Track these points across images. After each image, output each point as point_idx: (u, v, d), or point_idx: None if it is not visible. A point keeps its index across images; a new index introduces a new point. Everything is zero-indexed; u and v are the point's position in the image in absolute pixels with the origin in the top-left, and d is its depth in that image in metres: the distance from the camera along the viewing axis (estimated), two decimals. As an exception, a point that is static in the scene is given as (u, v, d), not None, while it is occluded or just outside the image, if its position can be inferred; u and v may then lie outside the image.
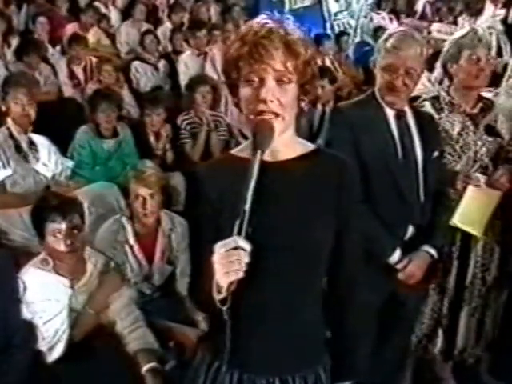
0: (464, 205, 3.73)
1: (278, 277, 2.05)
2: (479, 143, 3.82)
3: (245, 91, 2.02)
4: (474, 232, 3.81)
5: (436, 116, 3.74)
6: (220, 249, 1.87)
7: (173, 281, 4.37)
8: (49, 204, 3.71)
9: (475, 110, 3.85)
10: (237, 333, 2.02)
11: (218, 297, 1.92)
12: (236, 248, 1.86)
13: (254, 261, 1.91)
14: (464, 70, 3.76)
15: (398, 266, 3.37)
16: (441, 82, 4.89)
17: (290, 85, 2.01)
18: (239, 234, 1.88)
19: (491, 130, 3.86)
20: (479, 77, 3.75)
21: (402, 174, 3.34)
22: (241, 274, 1.86)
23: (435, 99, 3.89)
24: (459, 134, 3.80)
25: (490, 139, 3.85)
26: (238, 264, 1.85)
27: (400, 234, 3.40)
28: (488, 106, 3.90)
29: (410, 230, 3.42)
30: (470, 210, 3.74)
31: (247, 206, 1.90)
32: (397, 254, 3.36)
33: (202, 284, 2.01)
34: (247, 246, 1.87)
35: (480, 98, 3.90)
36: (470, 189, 3.73)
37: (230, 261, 1.85)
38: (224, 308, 1.92)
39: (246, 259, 1.86)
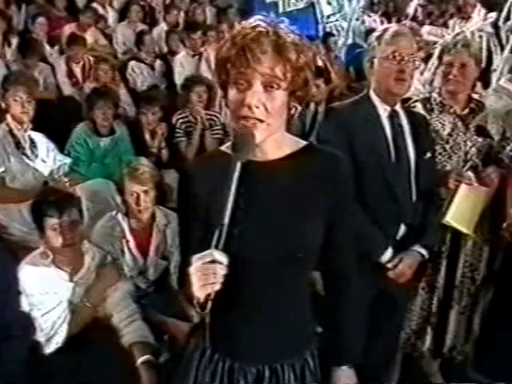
0: (456, 203, 3.74)
1: (267, 272, 2.06)
2: (469, 144, 3.84)
3: (231, 94, 1.98)
4: (466, 230, 3.83)
5: (427, 117, 3.76)
6: (196, 261, 1.88)
7: (167, 275, 4.42)
8: (47, 199, 3.77)
9: (465, 111, 3.88)
10: (226, 323, 2.09)
11: (196, 303, 1.93)
12: (213, 261, 1.87)
13: (243, 258, 1.95)
14: (441, 74, 3.86)
15: (389, 265, 3.38)
16: (431, 83, 4.98)
17: (278, 91, 1.95)
18: (217, 246, 1.89)
19: (481, 131, 3.88)
20: (449, 81, 3.82)
21: (394, 174, 3.35)
22: (217, 287, 1.87)
23: (427, 100, 3.93)
24: (449, 134, 3.83)
25: (480, 140, 3.86)
26: (214, 278, 1.86)
27: (392, 233, 3.41)
28: (479, 106, 3.93)
29: (402, 229, 3.43)
30: (463, 209, 3.76)
31: (226, 220, 1.91)
32: (388, 253, 3.37)
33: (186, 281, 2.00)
34: (224, 260, 1.87)
35: (471, 99, 3.93)
36: (463, 187, 3.73)
37: (205, 274, 1.86)
38: (203, 312, 1.93)
39: (222, 272, 1.87)
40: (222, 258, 1.88)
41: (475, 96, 4.15)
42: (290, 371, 2.19)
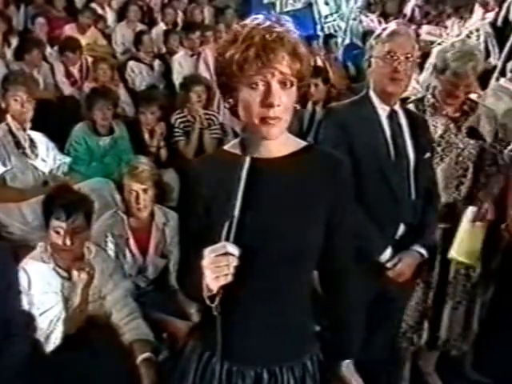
0: (459, 239, 3.86)
1: (266, 272, 2.06)
2: (461, 146, 3.85)
3: (247, 95, 1.98)
4: (469, 262, 3.93)
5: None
6: (209, 254, 1.90)
7: (166, 274, 4.43)
8: (58, 199, 3.76)
9: (458, 113, 3.89)
10: (225, 326, 2.06)
11: (207, 295, 1.96)
12: (225, 253, 1.90)
13: (243, 257, 1.95)
14: (443, 86, 3.82)
15: (389, 265, 3.39)
16: (428, 85, 4.98)
17: (292, 88, 2.00)
18: (227, 238, 1.94)
19: (473, 133, 3.88)
20: (453, 98, 3.83)
21: (394, 173, 3.35)
22: (230, 278, 1.91)
23: (419, 101, 3.92)
24: (441, 136, 3.83)
25: (472, 142, 3.87)
26: (227, 269, 1.89)
27: (391, 233, 3.42)
28: (471, 108, 3.92)
29: (401, 228, 3.43)
30: (465, 243, 3.87)
31: (236, 212, 1.95)
32: (388, 253, 3.38)
33: (193, 279, 2.02)
34: (236, 251, 1.91)
35: (464, 101, 3.92)
36: (464, 223, 3.87)
37: (219, 266, 1.89)
38: (213, 305, 1.97)
39: (234, 264, 1.90)
40: (233, 249, 1.91)
41: (472, 96, 4.15)
42: (290, 375, 2.19)
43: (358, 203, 2.76)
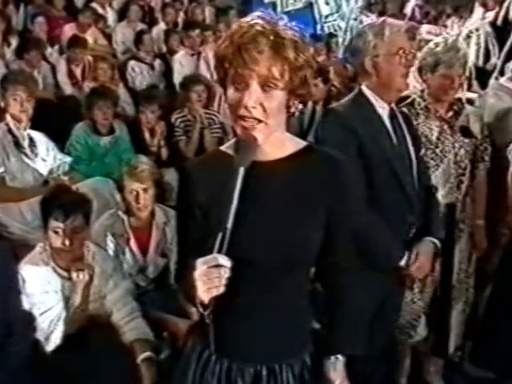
0: None
1: (267, 273, 2.06)
2: (457, 145, 3.88)
3: (230, 93, 1.97)
4: None
5: (414, 122, 3.72)
6: (201, 266, 1.91)
7: (166, 273, 4.42)
8: (56, 200, 3.74)
9: (450, 114, 3.92)
10: (225, 324, 2.09)
11: (199, 304, 1.98)
12: (217, 265, 1.90)
13: (244, 259, 1.95)
14: (436, 83, 3.83)
15: (410, 262, 3.33)
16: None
17: (276, 90, 1.93)
18: (220, 250, 1.93)
19: (466, 132, 3.92)
20: (449, 93, 3.84)
21: (402, 170, 3.33)
22: (221, 290, 1.91)
23: (409, 105, 3.90)
24: (438, 138, 3.85)
25: (466, 141, 3.91)
26: (219, 281, 1.89)
27: (404, 234, 3.37)
28: (460, 107, 3.96)
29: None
30: None
31: (229, 225, 1.94)
32: (405, 259, 3.33)
33: (188, 282, 2.00)
34: (227, 263, 1.90)
35: (453, 102, 3.95)
36: None
37: (210, 278, 1.90)
38: (205, 313, 1.98)
39: (226, 276, 1.90)
40: (225, 262, 1.91)
41: (470, 95, 4.17)
42: (289, 371, 2.19)
43: (371, 204, 2.76)
